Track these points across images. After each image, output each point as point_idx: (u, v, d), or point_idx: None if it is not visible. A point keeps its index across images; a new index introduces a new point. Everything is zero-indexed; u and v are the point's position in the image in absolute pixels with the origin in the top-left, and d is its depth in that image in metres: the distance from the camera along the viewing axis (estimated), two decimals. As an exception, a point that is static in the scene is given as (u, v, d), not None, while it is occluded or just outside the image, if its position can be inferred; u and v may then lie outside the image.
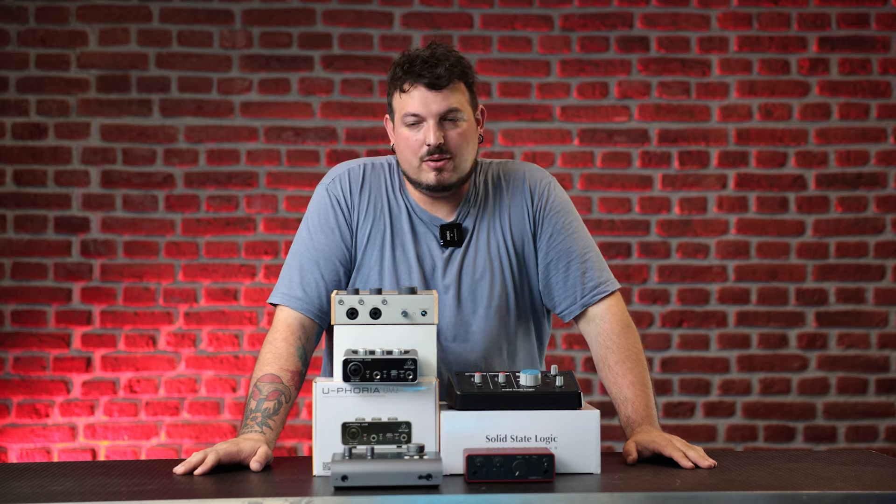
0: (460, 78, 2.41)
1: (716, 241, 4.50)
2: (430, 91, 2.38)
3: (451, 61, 2.39)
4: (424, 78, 2.37)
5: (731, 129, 4.51)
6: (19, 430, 4.34)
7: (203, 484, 2.07)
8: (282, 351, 2.41)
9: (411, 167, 2.43)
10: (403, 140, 2.42)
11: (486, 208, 2.52)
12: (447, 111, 2.39)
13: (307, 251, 2.50)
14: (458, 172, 2.43)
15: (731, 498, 1.95)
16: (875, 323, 4.50)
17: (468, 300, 2.48)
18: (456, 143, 2.40)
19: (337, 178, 2.53)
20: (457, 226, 2.49)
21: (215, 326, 4.40)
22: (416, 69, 2.37)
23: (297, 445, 4.41)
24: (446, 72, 2.37)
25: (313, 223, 2.51)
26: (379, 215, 2.50)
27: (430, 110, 2.38)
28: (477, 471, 2.04)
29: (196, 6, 4.44)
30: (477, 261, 2.49)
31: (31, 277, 4.38)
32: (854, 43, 4.52)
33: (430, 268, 2.48)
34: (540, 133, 4.49)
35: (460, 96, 2.41)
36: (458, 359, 2.48)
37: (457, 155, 2.41)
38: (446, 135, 2.39)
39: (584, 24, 4.49)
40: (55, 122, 4.40)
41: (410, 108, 2.39)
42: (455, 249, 2.49)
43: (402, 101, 2.41)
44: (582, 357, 4.46)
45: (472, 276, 2.49)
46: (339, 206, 2.50)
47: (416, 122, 2.40)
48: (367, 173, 2.53)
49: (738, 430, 4.47)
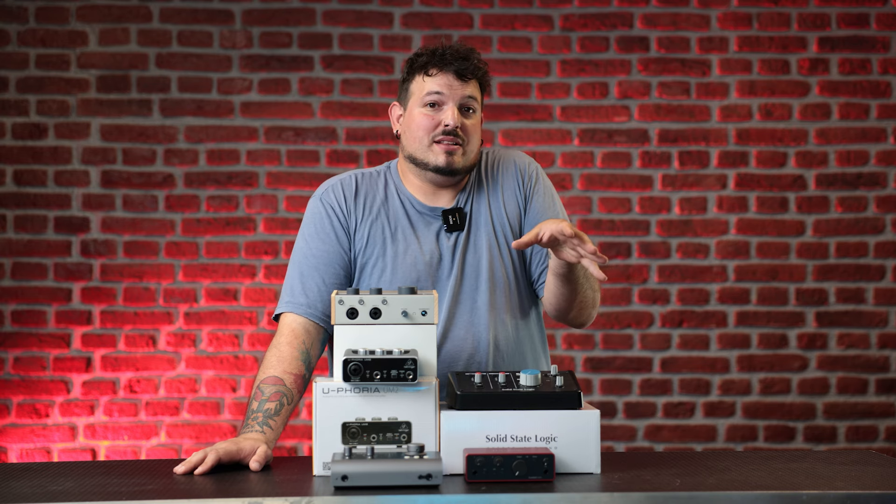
0: (480, 78, 2.55)
1: (716, 241, 4.50)
2: (456, 79, 2.50)
3: (477, 59, 2.54)
4: (453, 66, 2.50)
5: (731, 129, 4.51)
6: (19, 430, 4.34)
7: (203, 484, 2.07)
8: (286, 354, 2.42)
9: (420, 147, 2.52)
10: (418, 119, 2.52)
11: (483, 192, 2.59)
12: (467, 97, 2.51)
13: (306, 259, 2.53)
14: (466, 160, 2.53)
15: (731, 498, 1.95)
16: (875, 323, 4.50)
17: (473, 281, 2.53)
18: (470, 131, 2.53)
19: (330, 188, 2.59)
20: (458, 210, 2.56)
21: (215, 326, 4.40)
22: (447, 58, 2.50)
23: (297, 445, 4.41)
24: (473, 67, 2.52)
25: (309, 233, 2.56)
26: (377, 216, 2.55)
27: (455, 95, 2.50)
28: (477, 471, 2.04)
29: (196, 6, 4.44)
30: (479, 242, 2.55)
31: (31, 277, 4.38)
32: (854, 43, 4.52)
33: (436, 255, 2.53)
34: (540, 133, 4.49)
35: (477, 93, 2.54)
36: (467, 336, 2.51)
37: (469, 142, 2.52)
38: (463, 121, 2.51)
39: (584, 24, 4.49)
40: (55, 122, 4.40)
41: (435, 87, 2.50)
42: (459, 234, 2.55)
43: (425, 83, 2.52)
44: (582, 357, 4.46)
45: (477, 257, 2.54)
46: (335, 213, 2.55)
47: (437, 104, 2.50)
48: (359, 181, 2.59)
49: (738, 430, 4.47)
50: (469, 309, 2.52)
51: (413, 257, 2.52)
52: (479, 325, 2.52)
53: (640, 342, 4.48)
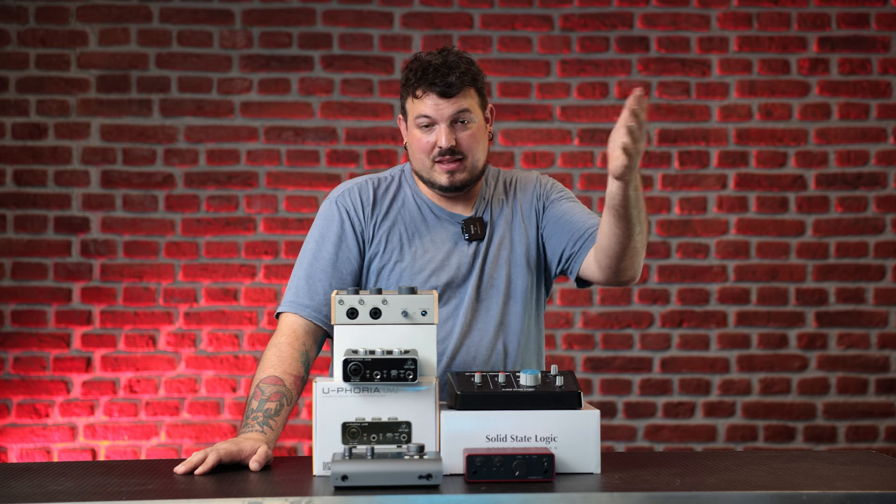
0: (471, 84, 2.51)
1: (716, 241, 4.50)
2: (441, 98, 2.47)
3: (461, 69, 2.48)
4: (437, 87, 2.46)
5: (731, 129, 4.51)
6: (19, 430, 4.34)
7: (203, 484, 2.07)
8: (286, 354, 2.42)
9: (424, 168, 2.52)
10: (416, 141, 2.51)
11: (502, 203, 2.60)
12: (458, 113, 2.48)
13: (315, 261, 2.53)
14: (471, 172, 2.52)
15: (731, 498, 1.95)
16: (875, 323, 4.50)
17: (492, 290, 2.55)
18: (467, 144, 2.50)
19: (346, 191, 2.59)
20: (479, 219, 2.57)
21: (215, 326, 4.40)
22: (429, 77, 2.46)
23: (297, 445, 4.41)
24: (457, 80, 2.47)
25: (321, 234, 2.55)
26: (394, 221, 2.56)
27: (442, 115, 2.48)
28: (477, 471, 2.04)
29: (196, 6, 4.44)
30: (499, 253, 2.56)
31: (31, 277, 4.38)
32: (854, 43, 4.52)
33: (454, 262, 2.54)
34: (540, 133, 4.49)
35: (470, 100, 2.51)
36: (481, 345, 2.52)
37: (469, 155, 2.50)
38: (458, 136, 2.49)
39: (584, 24, 4.49)
40: (55, 122, 4.40)
41: (423, 111, 2.48)
42: (479, 243, 2.56)
43: (414, 105, 2.50)
44: (582, 357, 4.46)
45: (497, 269, 2.56)
46: (350, 218, 2.55)
47: (429, 125, 2.49)
48: (377, 186, 2.59)
49: (738, 430, 4.47)
50: (485, 318, 2.54)
51: (431, 262, 2.53)
52: (494, 335, 2.54)
53: (640, 342, 4.48)
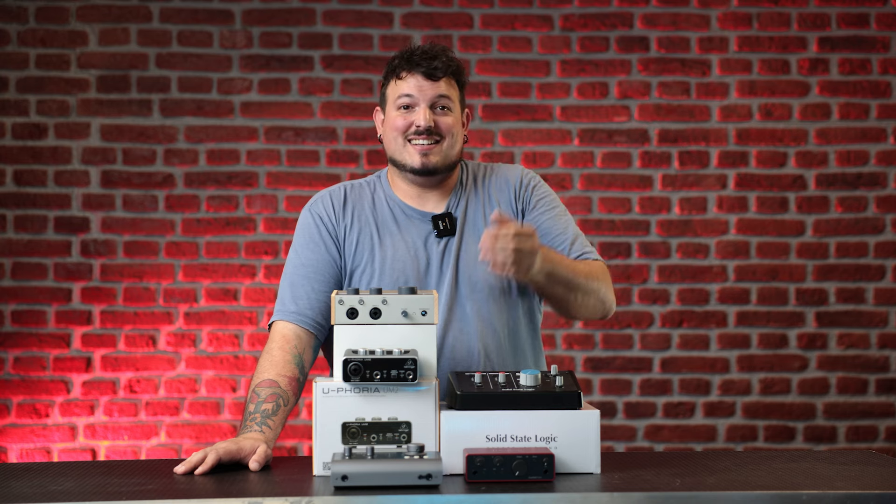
0: (454, 76, 2.56)
1: (716, 241, 4.50)
2: (425, 80, 2.52)
3: (447, 58, 2.54)
4: (422, 67, 2.51)
5: (731, 129, 4.51)
6: (19, 430, 4.34)
7: (203, 484, 2.07)
8: (277, 358, 2.43)
9: (397, 147, 2.54)
10: (392, 121, 2.54)
11: (475, 198, 2.60)
12: (439, 97, 2.52)
13: (296, 269, 2.56)
14: (444, 157, 2.53)
15: (731, 498, 1.95)
16: (875, 323, 4.50)
17: (465, 287, 2.52)
18: (446, 127, 2.53)
19: (318, 199, 2.63)
20: (448, 215, 2.56)
21: (215, 326, 4.40)
22: (415, 59, 2.52)
23: (297, 445, 4.41)
24: (442, 65, 2.52)
25: (300, 243, 2.59)
26: (365, 223, 2.57)
27: (425, 95, 2.52)
28: (477, 471, 2.04)
29: (196, 6, 4.44)
30: (471, 247, 2.55)
31: (31, 277, 4.38)
32: (854, 43, 4.52)
33: (424, 259, 2.53)
34: (540, 133, 4.49)
35: (452, 91, 2.56)
36: (457, 345, 2.50)
37: (446, 137, 2.53)
38: (437, 119, 2.52)
39: (584, 24, 4.49)
40: (55, 122, 4.40)
41: (405, 90, 2.52)
42: (450, 238, 2.55)
43: (397, 86, 2.54)
44: (582, 357, 4.46)
45: (468, 263, 2.54)
46: (323, 223, 2.58)
47: (409, 105, 2.52)
48: (348, 191, 2.62)
49: (738, 430, 4.47)
50: (460, 317, 2.51)
51: (402, 262, 2.52)
52: (470, 334, 2.51)
53: (640, 342, 4.48)
